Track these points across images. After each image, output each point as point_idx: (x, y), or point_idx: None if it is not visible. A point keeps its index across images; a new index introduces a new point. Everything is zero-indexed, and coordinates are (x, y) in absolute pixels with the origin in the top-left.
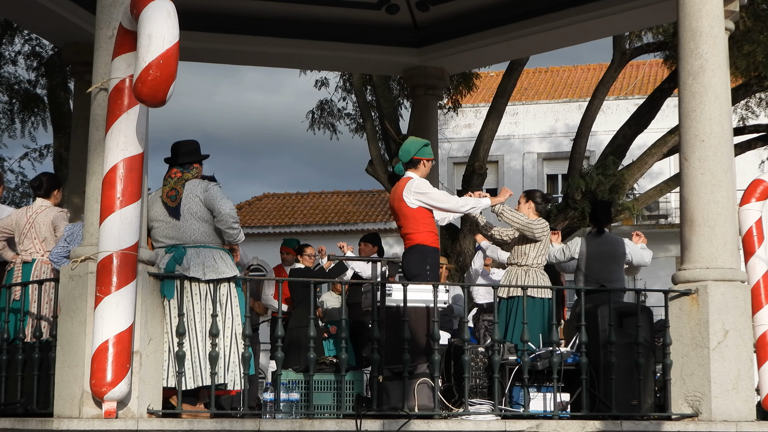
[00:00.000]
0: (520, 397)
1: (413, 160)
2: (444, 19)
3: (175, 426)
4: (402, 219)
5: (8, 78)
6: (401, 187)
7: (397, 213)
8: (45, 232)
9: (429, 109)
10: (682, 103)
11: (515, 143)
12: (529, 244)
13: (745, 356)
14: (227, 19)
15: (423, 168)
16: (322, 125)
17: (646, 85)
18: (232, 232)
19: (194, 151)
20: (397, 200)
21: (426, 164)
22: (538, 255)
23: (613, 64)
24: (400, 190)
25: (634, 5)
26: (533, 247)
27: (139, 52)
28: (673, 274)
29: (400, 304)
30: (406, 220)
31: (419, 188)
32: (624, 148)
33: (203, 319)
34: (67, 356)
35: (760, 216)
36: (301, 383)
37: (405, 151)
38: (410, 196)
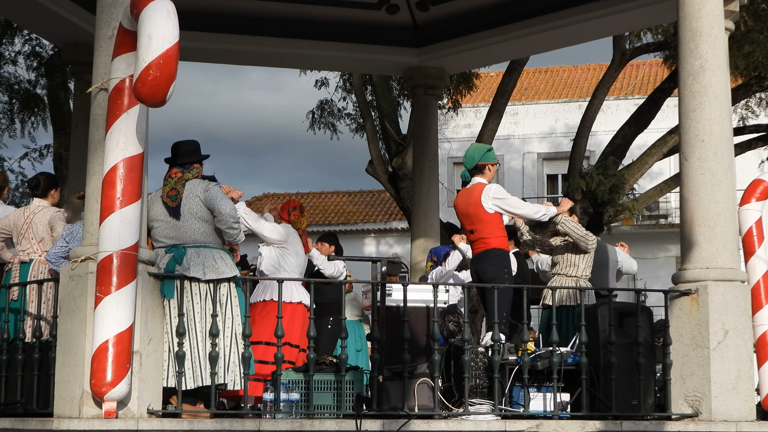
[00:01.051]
0: (520, 397)
1: (478, 165)
2: (444, 19)
3: (175, 426)
4: (477, 223)
5: (8, 78)
6: (476, 193)
7: (472, 218)
8: (42, 232)
9: (429, 109)
10: (682, 103)
11: (515, 143)
12: (579, 255)
13: (745, 356)
14: (227, 19)
15: (488, 172)
16: (322, 125)
17: (646, 85)
18: (232, 232)
19: (194, 151)
20: (473, 205)
21: (491, 168)
22: (587, 266)
23: (613, 64)
24: (476, 196)
25: (634, 5)
26: (583, 259)
27: (139, 52)
28: (673, 274)
29: (400, 304)
30: (482, 225)
31: (498, 194)
32: (624, 148)
33: (203, 319)
34: (67, 356)
35: (760, 216)
36: (301, 383)
37: (469, 158)
38: (488, 202)
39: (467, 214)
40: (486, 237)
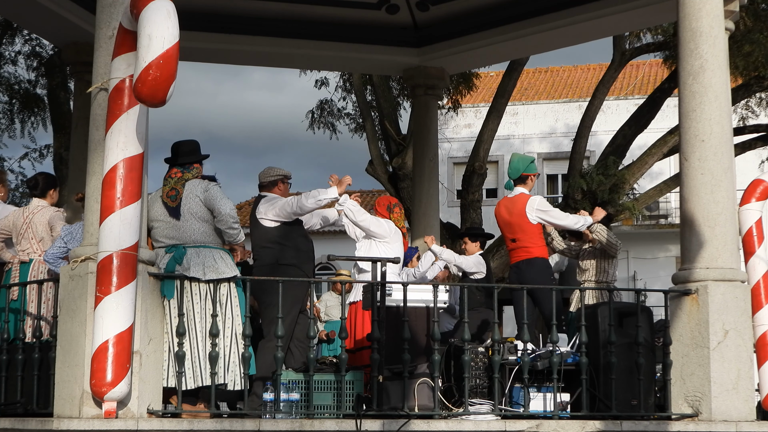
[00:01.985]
0: (520, 397)
1: (522, 176)
2: (444, 19)
3: (175, 426)
4: (520, 233)
5: (8, 78)
6: (521, 204)
7: (514, 227)
8: (42, 232)
9: (429, 109)
10: (682, 103)
11: (515, 143)
12: (608, 261)
13: (745, 356)
14: (227, 18)
15: (530, 183)
16: (322, 125)
17: (646, 85)
18: (232, 232)
19: (194, 151)
20: (517, 215)
21: (533, 179)
22: (614, 271)
23: (613, 64)
24: (520, 207)
25: (634, 5)
26: (611, 264)
27: (139, 52)
28: (673, 274)
29: (400, 304)
30: (524, 234)
31: (541, 206)
32: (624, 148)
33: (203, 319)
34: (67, 356)
35: (760, 216)
36: (301, 383)
37: (514, 168)
38: (533, 213)
39: (510, 224)
40: (528, 246)
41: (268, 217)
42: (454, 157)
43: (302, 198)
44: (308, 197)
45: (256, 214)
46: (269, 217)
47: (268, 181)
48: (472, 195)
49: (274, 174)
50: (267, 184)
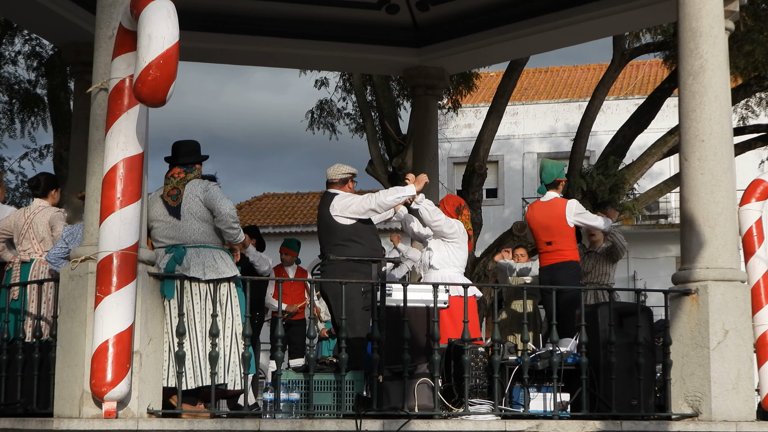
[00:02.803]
0: (520, 397)
1: (555, 181)
2: (444, 19)
3: (175, 426)
4: (557, 236)
5: (8, 78)
6: (559, 208)
7: (552, 230)
8: (42, 232)
9: (429, 109)
10: (682, 103)
11: (515, 143)
12: (610, 264)
13: (745, 356)
14: (227, 18)
15: (561, 187)
16: (322, 125)
17: (646, 85)
18: (231, 232)
19: (195, 151)
20: (556, 219)
21: (563, 184)
22: (614, 274)
23: (613, 64)
24: (559, 211)
25: (634, 5)
26: (612, 267)
27: (139, 52)
28: (673, 274)
29: (400, 304)
30: (561, 238)
31: (579, 210)
32: (624, 148)
33: (203, 319)
34: (67, 356)
35: (760, 216)
36: (301, 383)
37: (549, 173)
38: (572, 217)
39: (548, 227)
40: (564, 249)
41: (345, 215)
42: (454, 157)
43: (381, 195)
44: (388, 194)
45: (330, 212)
46: (346, 215)
47: (339, 178)
48: (472, 195)
49: (345, 171)
50: (338, 182)
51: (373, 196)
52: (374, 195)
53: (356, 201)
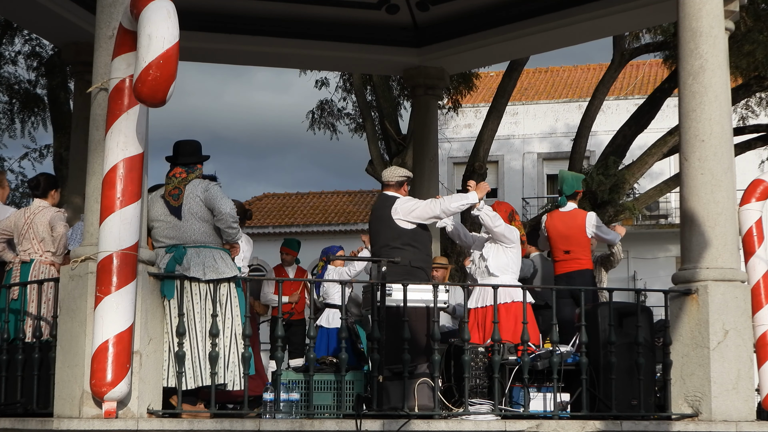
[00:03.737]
0: (520, 397)
1: (574, 192)
2: (444, 19)
3: (175, 426)
4: (576, 245)
5: (8, 78)
6: (580, 219)
7: (572, 240)
8: (42, 232)
9: (429, 109)
10: (682, 103)
11: (515, 143)
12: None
13: (745, 356)
14: (227, 18)
15: (578, 197)
16: (322, 125)
17: (646, 85)
18: (231, 232)
19: (197, 151)
20: (578, 229)
21: (580, 195)
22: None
23: (613, 64)
24: (580, 222)
25: (634, 5)
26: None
27: (139, 52)
28: (673, 274)
29: (400, 304)
30: (580, 247)
31: (597, 222)
32: (624, 148)
33: (203, 319)
34: (67, 356)
35: (760, 216)
36: (301, 383)
37: (569, 185)
38: (591, 229)
39: (568, 237)
40: (581, 258)
41: (408, 219)
42: (454, 157)
43: (446, 201)
44: (452, 201)
45: (393, 215)
46: (409, 219)
47: (395, 180)
48: None
49: (401, 174)
50: (394, 184)
51: (437, 201)
52: (438, 201)
53: (421, 206)
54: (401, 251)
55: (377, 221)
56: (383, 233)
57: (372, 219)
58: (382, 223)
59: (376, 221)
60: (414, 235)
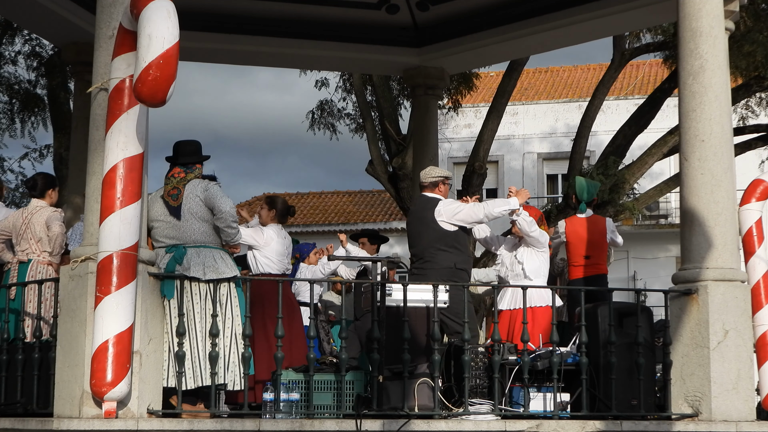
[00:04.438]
0: (520, 397)
1: (593, 200)
2: (444, 19)
3: (175, 426)
4: (596, 251)
5: (8, 78)
6: (601, 225)
7: (593, 245)
8: (40, 232)
9: (429, 109)
10: (682, 103)
11: (515, 143)
12: None
13: (745, 356)
14: (227, 18)
15: (594, 204)
16: (322, 125)
17: (646, 85)
18: (230, 231)
19: (197, 151)
20: (599, 235)
21: (596, 201)
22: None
23: (613, 64)
24: (601, 228)
25: (634, 5)
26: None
27: (139, 52)
28: (673, 274)
29: (400, 304)
30: (599, 252)
31: (613, 227)
32: (624, 148)
33: (203, 319)
34: (67, 356)
35: (760, 216)
36: (301, 383)
37: (590, 193)
38: (610, 234)
39: (590, 241)
40: (600, 263)
41: (452, 222)
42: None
43: (489, 206)
44: (495, 206)
45: (436, 217)
46: (453, 222)
47: (429, 181)
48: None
49: (436, 175)
50: (428, 185)
51: (481, 206)
52: (482, 205)
53: (465, 209)
54: (445, 253)
55: (418, 223)
56: (426, 235)
57: (412, 220)
58: (424, 225)
59: (417, 223)
60: (456, 237)
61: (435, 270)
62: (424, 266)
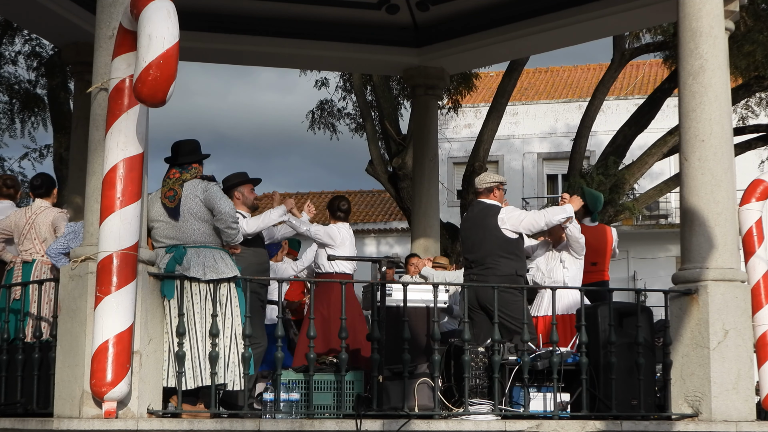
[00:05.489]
0: (520, 397)
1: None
2: (444, 19)
3: (175, 426)
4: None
5: (8, 78)
6: (609, 234)
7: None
8: (45, 232)
9: (429, 109)
10: (682, 103)
11: (515, 143)
12: None
13: (745, 356)
14: (227, 18)
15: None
16: (322, 125)
17: (646, 85)
18: (230, 232)
19: (194, 151)
20: (605, 242)
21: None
22: None
23: (613, 64)
24: (609, 237)
25: (634, 5)
26: None
27: (139, 52)
28: (673, 274)
29: (400, 304)
30: (605, 260)
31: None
32: (624, 148)
33: (203, 319)
34: (67, 356)
35: (760, 216)
36: (301, 383)
37: (601, 202)
38: (614, 242)
39: (597, 249)
40: (605, 270)
41: (515, 229)
42: (454, 157)
43: (549, 214)
44: (554, 214)
45: (500, 224)
46: (516, 229)
47: (485, 187)
48: (472, 195)
49: (491, 180)
50: (483, 191)
51: (542, 213)
52: (542, 213)
53: (528, 217)
54: (507, 260)
55: (478, 229)
56: (489, 242)
57: (469, 226)
58: (486, 231)
59: (476, 229)
60: (517, 244)
61: (497, 277)
62: (485, 272)
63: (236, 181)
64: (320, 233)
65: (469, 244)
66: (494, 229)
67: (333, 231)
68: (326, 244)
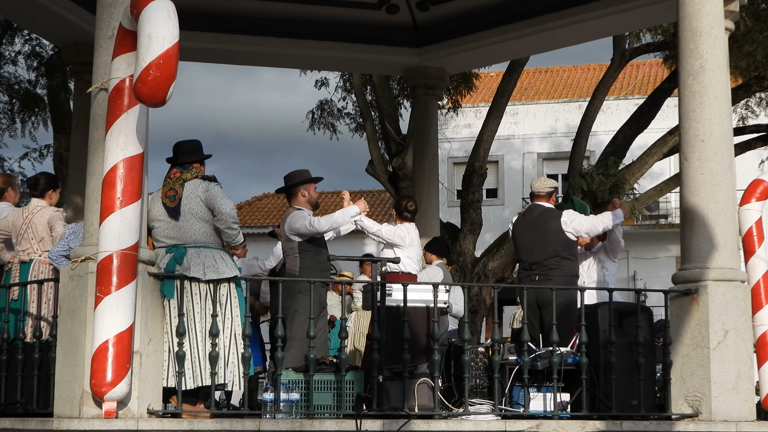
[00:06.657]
0: (520, 397)
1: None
2: (444, 19)
3: (175, 426)
4: None
5: (8, 78)
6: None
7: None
8: (42, 232)
9: (429, 109)
10: (682, 103)
11: (515, 143)
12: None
13: (745, 356)
14: (227, 18)
15: None
16: (322, 125)
17: (646, 85)
18: (231, 233)
19: (195, 150)
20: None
21: None
22: None
23: (613, 64)
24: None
25: (634, 5)
26: None
27: (139, 52)
28: (673, 274)
29: (400, 304)
30: None
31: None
32: (624, 148)
33: (203, 319)
34: (67, 356)
35: (760, 216)
36: (301, 383)
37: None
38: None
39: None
40: None
41: (578, 233)
42: (454, 157)
43: (606, 219)
44: (608, 218)
45: (564, 227)
46: (580, 233)
47: (546, 191)
48: (472, 195)
49: (551, 185)
50: (544, 195)
51: (599, 218)
52: (600, 218)
53: (588, 221)
54: (569, 261)
55: (539, 232)
56: (552, 244)
57: (527, 229)
58: (548, 234)
59: (537, 231)
60: (574, 245)
61: (561, 278)
62: (549, 273)
63: (302, 180)
64: (391, 234)
65: (528, 246)
66: (558, 232)
67: (402, 232)
68: (396, 244)
